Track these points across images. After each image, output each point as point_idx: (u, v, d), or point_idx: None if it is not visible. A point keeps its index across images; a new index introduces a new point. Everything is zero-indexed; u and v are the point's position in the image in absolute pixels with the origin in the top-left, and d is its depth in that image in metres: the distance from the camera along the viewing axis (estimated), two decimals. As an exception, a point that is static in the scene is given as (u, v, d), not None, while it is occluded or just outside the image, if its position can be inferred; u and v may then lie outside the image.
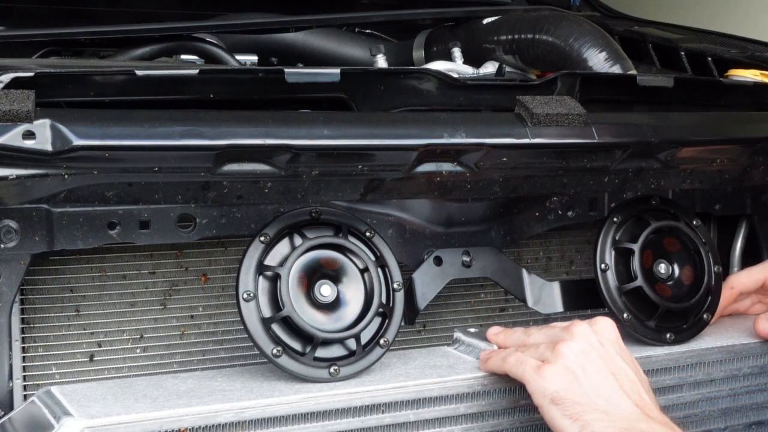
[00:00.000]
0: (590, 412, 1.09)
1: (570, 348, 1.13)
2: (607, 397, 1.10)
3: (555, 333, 1.18)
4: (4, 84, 1.09)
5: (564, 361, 1.12)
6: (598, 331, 1.16)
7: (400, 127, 1.20)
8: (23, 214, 1.10)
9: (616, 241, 1.34)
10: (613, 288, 1.32)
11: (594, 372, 1.12)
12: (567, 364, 1.12)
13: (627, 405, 1.10)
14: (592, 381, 1.11)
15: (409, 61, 1.90)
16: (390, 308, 1.20)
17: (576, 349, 1.13)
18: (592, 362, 1.13)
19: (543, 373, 1.12)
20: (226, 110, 1.13)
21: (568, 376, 1.11)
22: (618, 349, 1.16)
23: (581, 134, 1.26)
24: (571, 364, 1.12)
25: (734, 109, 1.53)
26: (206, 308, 1.28)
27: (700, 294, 1.36)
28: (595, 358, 1.13)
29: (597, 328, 1.17)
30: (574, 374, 1.11)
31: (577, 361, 1.12)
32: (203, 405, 1.06)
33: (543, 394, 1.11)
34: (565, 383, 1.11)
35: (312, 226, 1.18)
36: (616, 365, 1.14)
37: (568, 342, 1.14)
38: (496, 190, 1.31)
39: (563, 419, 1.10)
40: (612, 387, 1.11)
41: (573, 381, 1.11)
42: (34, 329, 1.20)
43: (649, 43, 1.90)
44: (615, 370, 1.13)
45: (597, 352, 1.14)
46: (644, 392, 1.13)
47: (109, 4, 1.87)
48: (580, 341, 1.14)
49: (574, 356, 1.12)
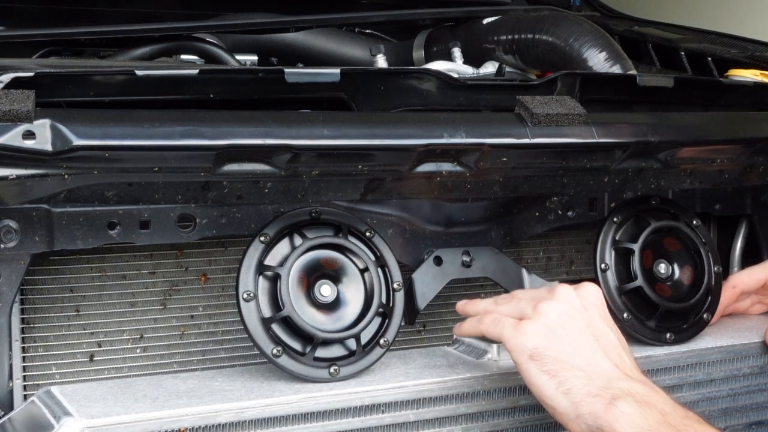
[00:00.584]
0: (568, 369, 1.07)
1: (552, 308, 1.11)
2: (587, 357, 1.08)
3: (538, 293, 1.16)
4: (4, 84, 1.09)
5: (545, 319, 1.10)
6: (583, 296, 1.14)
7: (400, 127, 1.20)
8: (23, 214, 1.10)
9: (616, 241, 1.34)
10: (613, 288, 1.32)
11: (575, 332, 1.10)
12: (548, 323, 1.10)
13: (607, 365, 1.09)
14: (572, 340, 1.09)
15: (409, 61, 1.90)
16: (390, 308, 1.20)
17: (559, 310, 1.11)
18: (574, 323, 1.11)
19: (522, 328, 1.10)
20: (226, 110, 1.13)
21: (548, 334, 1.09)
22: (602, 314, 1.14)
23: (581, 134, 1.26)
24: (552, 323, 1.10)
25: (734, 109, 1.53)
26: (206, 308, 1.28)
27: (700, 294, 1.36)
28: (577, 320, 1.11)
29: (582, 292, 1.14)
30: (554, 332, 1.09)
31: (559, 321, 1.10)
32: (203, 405, 1.06)
33: (521, 350, 1.09)
34: (545, 340, 1.09)
35: (312, 226, 1.18)
36: (598, 329, 1.12)
37: (551, 302, 1.12)
38: (496, 190, 1.31)
39: (540, 375, 1.08)
40: (592, 348, 1.09)
41: (553, 338, 1.09)
42: (34, 329, 1.20)
43: (649, 43, 1.90)
44: (597, 333, 1.11)
45: (580, 315, 1.12)
46: (625, 356, 1.12)
47: (109, 4, 1.87)
48: (563, 302, 1.12)
49: (557, 316, 1.10)
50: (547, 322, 1.10)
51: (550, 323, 1.10)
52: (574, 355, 1.08)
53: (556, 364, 1.08)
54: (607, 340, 1.11)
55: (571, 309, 1.12)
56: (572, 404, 1.06)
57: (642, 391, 1.06)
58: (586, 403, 1.05)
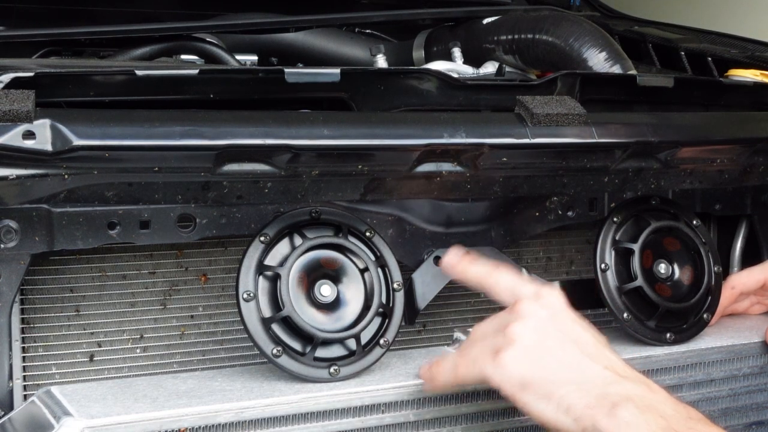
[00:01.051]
0: (562, 386, 1.04)
1: (523, 327, 1.06)
2: (575, 367, 1.05)
3: (499, 319, 1.10)
4: (4, 84, 1.09)
5: (521, 342, 1.05)
6: (546, 305, 1.09)
7: (400, 127, 1.20)
8: (23, 214, 1.10)
9: (616, 241, 1.34)
10: (613, 288, 1.32)
11: (555, 345, 1.06)
12: (525, 344, 1.05)
13: (597, 370, 1.05)
14: (556, 355, 1.05)
15: (409, 61, 1.90)
16: (390, 308, 1.20)
17: (530, 327, 1.06)
18: (550, 336, 1.06)
19: (501, 360, 1.05)
20: (226, 110, 1.13)
21: (530, 357, 1.05)
22: (571, 317, 1.10)
23: (581, 134, 1.26)
24: (529, 343, 1.05)
25: (734, 109, 1.53)
26: (206, 308, 1.28)
27: (700, 294, 1.36)
28: (551, 332, 1.07)
29: (543, 302, 1.09)
30: (535, 353, 1.05)
31: (535, 339, 1.06)
32: (203, 405, 1.06)
33: (510, 383, 1.05)
34: (529, 365, 1.05)
35: (312, 226, 1.18)
36: (575, 332, 1.08)
37: (518, 322, 1.07)
38: (496, 190, 1.31)
39: (538, 402, 1.04)
40: (578, 356, 1.06)
41: (537, 360, 1.05)
42: (34, 329, 1.20)
43: (649, 43, 1.90)
44: (575, 337, 1.08)
45: (552, 325, 1.07)
46: (608, 352, 1.08)
47: (109, 4, 1.87)
48: (530, 318, 1.07)
49: (530, 334, 1.06)
50: (524, 344, 1.06)
51: (526, 344, 1.06)
52: (562, 369, 1.05)
53: (549, 386, 1.04)
54: (586, 342, 1.08)
55: (540, 322, 1.08)
56: (575, 421, 1.02)
57: (640, 392, 1.04)
58: (588, 416, 1.02)
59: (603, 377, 1.05)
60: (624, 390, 1.03)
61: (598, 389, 1.03)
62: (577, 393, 1.03)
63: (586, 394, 1.03)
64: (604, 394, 1.03)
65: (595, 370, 1.05)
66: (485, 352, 1.08)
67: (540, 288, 1.12)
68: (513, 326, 1.07)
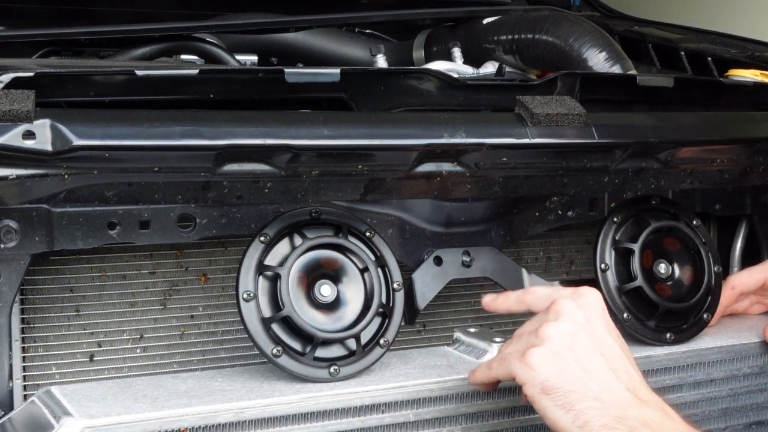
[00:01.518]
0: (583, 400, 1.04)
1: (556, 330, 1.06)
2: (600, 381, 1.05)
3: (537, 319, 1.11)
4: (4, 84, 1.09)
5: (551, 345, 1.05)
6: (584, 306, 1.09)
7: (400, 127, 1.20)
8: (23, 214, 1.10)
9: (616, 241, 1.34)
10: (613, 288, 1.32)
11: (584, 354, 1.06)
12: (554, 348, 1.05)
13: (619, 390, 1.05)
14: (583, 364, 1.05)
15: (409, 61, 1.90)
16: (390, 308, 1.20)
17: (563, 330, 1.06)
18: (580, 343, 1.06)
19: (529, 360, 1.05)
20: (226, 110, 1.13)
21: (557, 361, 1.05)
22: (605, 324, 1.10)
23: (581, 134, 1.26)
24: (559, 347, 1.05)
25: (734, 109, 1.53)
26: (206, 308, 1.28)
27: (700, 294, 1.36)
28: (583, 339, 1.06)
29: (582, 302, 1.10)
30: (562, 358, 1.05)
31: (565, 344, 1.06)
32: (203, 405, 1.06)
33: (533, 384, 1.05)
34: (554, 369, 1.05)
35: (312, 226, 1.18)
36: (605, 344, 1.08)
37: (553, 323, 1.07)
38: (496, 190, 1.31)
39: (555, 410, 1.04)
40: (604, 370, 1.06)
41: (563, 366, 1.05)
42: (34, 329, 1.20)
43: (649, 43, 1.90)
44: (604, 350, 1.07)
45: (585, 332, 1.07)
46: (633, 370, 1.08)
47: (109, 4, 1.87)
48: (565, 320, 1.07)
49: (561, 338, 1.06)
50: (553, 348, 1.06)
51: (556, 348, 1.06)
52: (587, 381, 1.05)
53: (570, 396, 1.04)
54: (614, 357, 1.07)
55: (575, 326, 1.07)
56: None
57: (657, 419, 1.03)
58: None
59: (624, 398, 1.05)
60: (642, 415, 1.03)
61: (618, 410, 1.03)
62: (597, 410, 1.03)
63: (605, 412, 1.03)
64: (623, 417, 1.03)
65: (617, 390, 1.05)
66: (517, 350, 1.09)
67: (578, 288, 1.12)
68: (546, 326, 1.07)
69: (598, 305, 1.11)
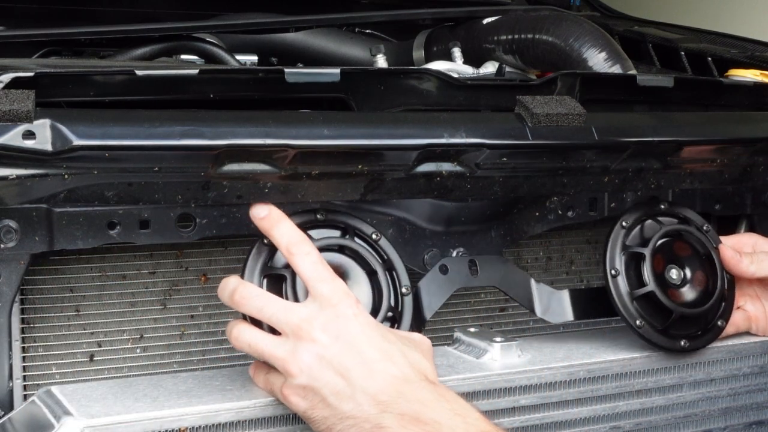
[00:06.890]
0: (338, 422, 1.03)
1: (299, 362, 1.05)
2: (350, 397, 1.03)
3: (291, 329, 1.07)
4: (4, 84, 1.09)
5: (296, 381, 1.05)
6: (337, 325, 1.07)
7: (400, 127, 1.20)
8: (23, 214, 1.10)
9: (626, 245, 1.31)
10: (625, 294, 1.28)
11: (329, 376, 1.04)
12: (301, 383, 1.05)
13: (368, 403, 1.03)
14: (329, 388, 1.04)
15: (409, 61, 1.90)
16: (399, 312, 1.19)
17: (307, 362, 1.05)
18: (324, 368, 1.04)
19: (286, 395, 1.06)
20: (226, 110, 1.13)
21: (307, 396, 1.05)
22: (359, 330, 1.06)
23: (581, 134, 1.26)
24: (306, 381, 1.05)
25: (734, 109, 1.53)
26: (206, 308, 1.28)
27: (714, 300, 1.32)
28: (329, 360, 1.05)
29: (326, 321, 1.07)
30: (310, 390, 1.04)
31: (311, 375, 1.04)
32: (203, 405, 1.06)
33: (299, 413, 1.06)
34: (306, 404, 1.05)
35: (317, 228, 1.18)
36: (353, 356, 1.05)
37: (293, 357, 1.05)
38: (496, 190, 1.31)
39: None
40: (347, 386, 1.04)
41: (311, 397, 1.05)
42: (34, 329, 1.20)
43: (649, 43, 1.90)
44: (350, 364, 1.04)
45: (329, 352, 1.05)
46: (394, 362, 1.06)
47: (109, 4, 1.87)
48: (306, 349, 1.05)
49: (309, 368, 1.04)
50: (300, 383, 1.05)
51: (303, 383, 1.05)
52: (338, 403, 1.04)
53: (326, 422, 1.04)
54: (362, 366, 1.05)
55: (317, 355, 1.05)
56: None
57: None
58: None
59: (374, 406, 1.04)
60: (392, 422, 1.03)
61: (370, 423, 1.03)
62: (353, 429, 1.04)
63: None
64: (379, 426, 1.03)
65: (366, 403, 1.04)
66: (276, 377, 1.09)
67: None
68: (288, 364, 1.07)
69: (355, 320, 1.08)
